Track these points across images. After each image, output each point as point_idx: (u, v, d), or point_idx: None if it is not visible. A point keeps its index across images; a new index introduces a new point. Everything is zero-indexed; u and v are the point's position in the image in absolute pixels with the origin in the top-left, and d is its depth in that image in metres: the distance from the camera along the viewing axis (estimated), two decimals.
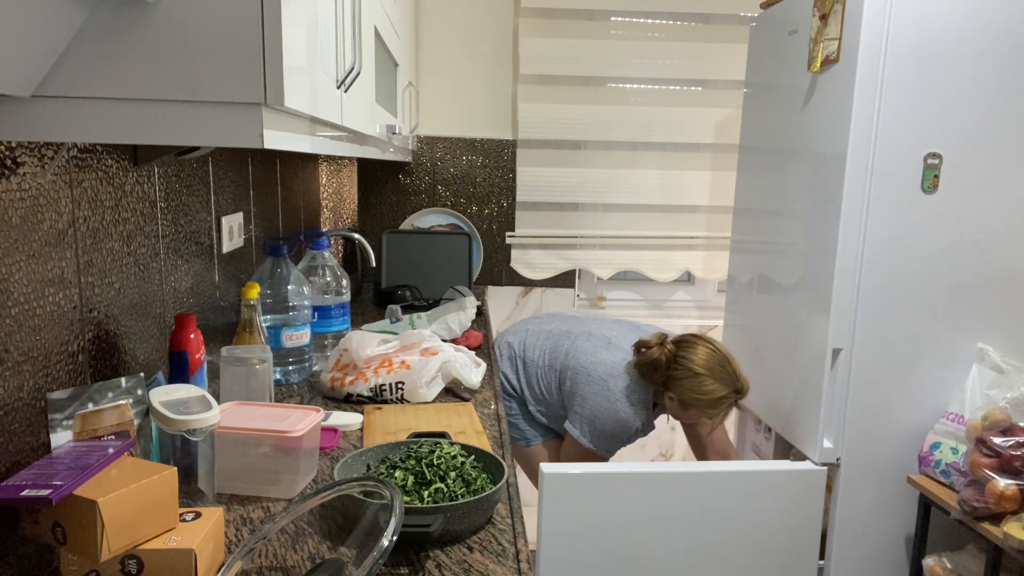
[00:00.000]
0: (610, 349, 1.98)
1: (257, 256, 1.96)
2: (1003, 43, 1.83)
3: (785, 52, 2.18)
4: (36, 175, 0.97)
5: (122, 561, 0.86)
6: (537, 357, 2.07)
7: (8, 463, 0.93)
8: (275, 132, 0.81)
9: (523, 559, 1.03)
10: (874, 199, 1.87)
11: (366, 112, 1.43)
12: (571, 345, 2.02)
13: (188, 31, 0.73)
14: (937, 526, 1.96)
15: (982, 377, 1.91)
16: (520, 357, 2.10)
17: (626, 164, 3.03)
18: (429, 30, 2.93)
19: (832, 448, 1.98)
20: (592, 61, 2.93)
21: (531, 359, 2.08)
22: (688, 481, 1.85)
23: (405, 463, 1.19)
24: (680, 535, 1.87)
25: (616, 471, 1.84)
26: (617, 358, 1.96)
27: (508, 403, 2.13)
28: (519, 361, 2.10)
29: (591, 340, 2.01)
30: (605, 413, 1.92)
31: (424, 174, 3.05)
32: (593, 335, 2.03)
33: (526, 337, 2.13)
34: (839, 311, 1.92)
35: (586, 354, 1.98)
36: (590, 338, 2.02)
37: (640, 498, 1.83)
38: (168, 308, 1.41)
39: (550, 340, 2.08)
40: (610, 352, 1.97)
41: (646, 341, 1.93)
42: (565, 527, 1.81)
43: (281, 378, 1.73)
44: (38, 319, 0.98)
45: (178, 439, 1.04)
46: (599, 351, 1.98)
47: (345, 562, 0.94)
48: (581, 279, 3.18)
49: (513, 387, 2.11)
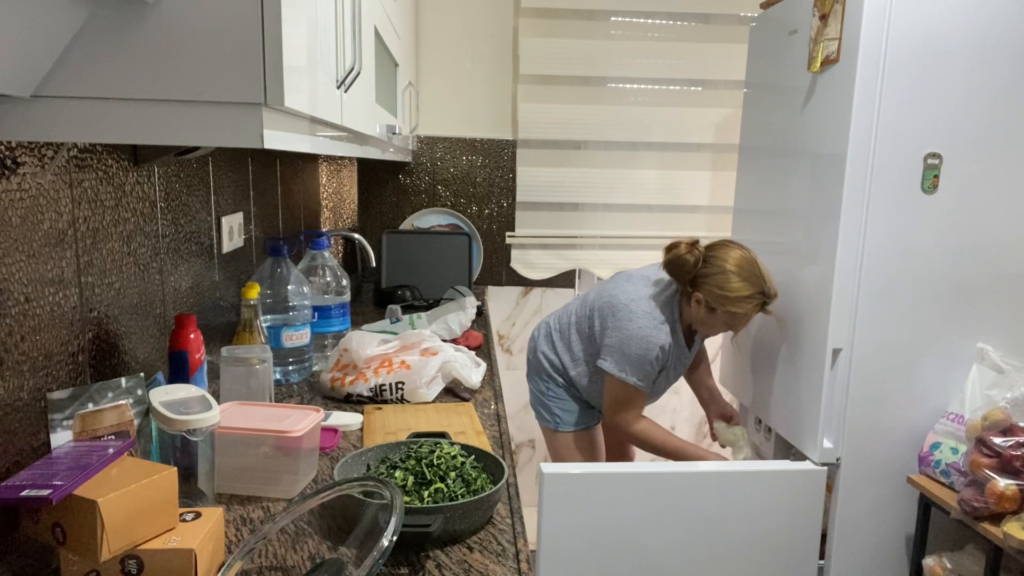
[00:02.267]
0: (632, 281, 2.07)
1: (257, 256, 1.96)
2: (1003, 43, 1.83)
3: (785, 52, 2.18)
4: (36, 175, 0.97)
5: (122, 561, 0.86)
6: (570, 315, 2.19)
7: (8, 463, 0.93)
8: (275, 132, 0.81)
9: (523, 559, 1.03)
10: (874, 199, 1.87)
11: (366, 112, 1.43)
12: (596, 293, 2.14)
13: (188, 31, 0.73)
14: (937, 526, 1.96)
15: (982, 377, 1.91)
16: (555, 328, 2.21)
17: (626, 164, 3.03)
18: (429, 30, 2.93)
19: (832, 448, 1.98)
20: (592, 61, 2.93)
21: (565, 323, 2.19)
22: (688, 481, 1.85)
23: (405, 463, 1.19)
24: (680, 535, 1.87)
25: (615, 471, 1.84)
26: (639, 285, 2.04)
27: (546, 383, 2.20)
28: (555, 332, 2.21)
29: (613, 280, 2.14)
30: (628, 334, 1.97)
31: (424, 174, 3.05)
32: (615, 279, 2.14)
33: (560, 313, 2.25)
34: (839, 311, 1.92)
35: (610, 289, 2.08)
36: (612, 279, 2.15)
37: (640, 498, 1.83)
38: (168, 308, 1.41)
39: (579, 300, 2.21)
40: (632, 284, 2.06)
41: (675, 242, 2.00)
42: (564, 527, 1.81)
43: (281, 378, 1.73)
44: (38, 319, 0.98)
45: (178, 439, 1.04)
46: (621, 283, 2.08)
47: (345, 562, 0.94)
48: (581, 279, 3.18)
49: (551, 361, 2.18)
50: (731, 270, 1.92)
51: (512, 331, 3.15)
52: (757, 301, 1.94)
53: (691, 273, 1.96)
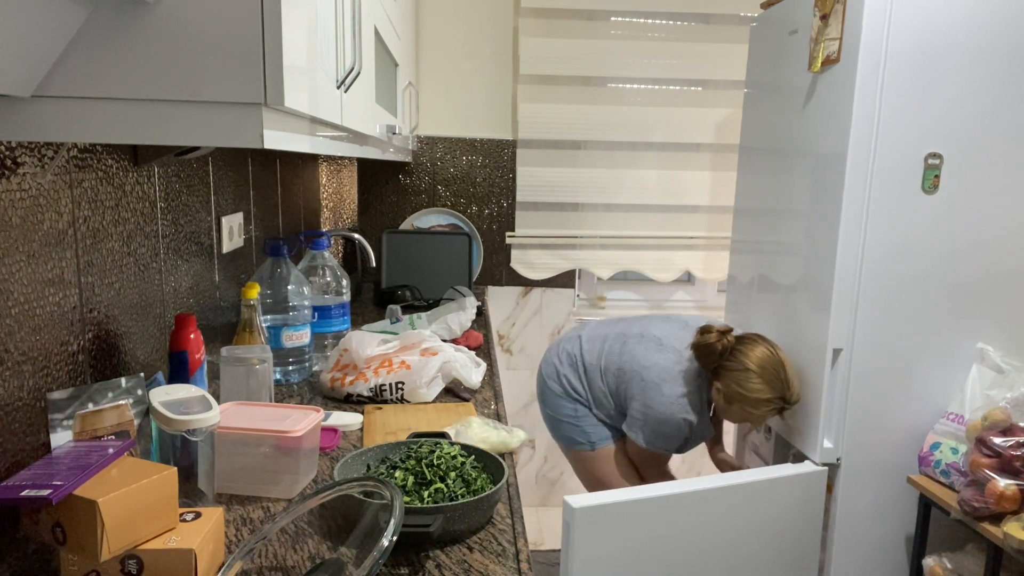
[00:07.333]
0: (662, 351, 2.00)
1: (257, 256, 1.96)
2: (1003, 44, 1.83)
3: (785, 52, 2.18)
4: (36, 175, 0.97)
5: (122, 561, 0.86)
6: (595, 360, 2.10)
7: (8, 463, 0.93)
8: (275, 132, 0.81)
9: (523, 559, 1.03)
10: (874, 199, 1.87)
11: (366, 112, 1.43)
12: (622, 347, 2.05)
13: (188, 31, 0.73)
14: (937, 526, 1.96)
15: (982, 377, 1.91)
16: (580, 360, 2.13)
17: (626, 164, 3.03)
18: (429, 30, 2.93)
19: (832, 448, 1.98)
20: (592, 61, 2.93)
21: (590, 363, 2.11)
22: (702, 498, 1.84)
23: (405, 463, 1.19)
24: (698, 548, 1.85)
25: (643, 496, 1.79)
26: (670, 361, 1.98)
27: (573, 407, 2.14)
28: (580, 365, 2.13)
29: (643, 343, 2.03)
30: (659, 417, 1.96)
31: (424, 174, 3.05)
32: (645, 336, 2.05)
33: (582, 343, 2.16)
34: (839, 311, 1.92)
35: (640, 357, 2.00)
36: (642, 340, 2.04)
37: (661, 519, 1.81)
38: (168, 308, 1.41)
39: (605, 343, 2.11)
40: (662, 354, 1.99)
41: (709, 327, 1.95)
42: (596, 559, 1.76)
43: (281, 378, 1.73)
44: (38, 319, 0.98)
45: (178, 439, 1.04)
46: (651, 354, 2.00)
47: (345, 562, 0.94)
48: (581, 279, 3.18)
49: (579, 392, 2.13)
50: (753, 369, 1.87)
51: (512, 331, 3.15)
52: (776, 406, 1.90)
53: (716, 363, 1.92)
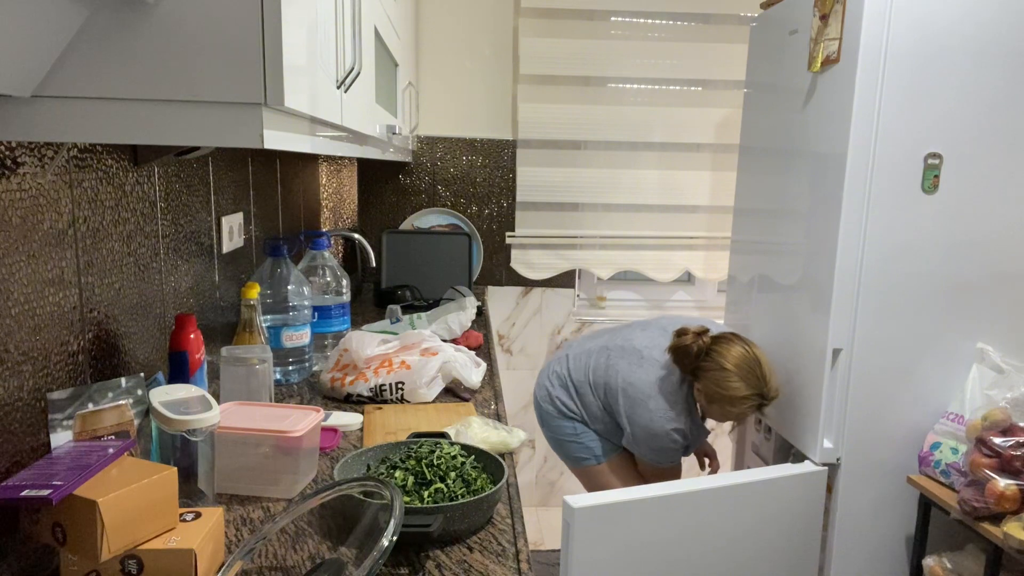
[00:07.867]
0: (643, 364, 2.01)
1: (257, 256, 1.96)
2: (1003, 43, 1.83)
3: (785, 52, 2.18)
4: (36, 175, 0.97)
5: (122, 561, 0.86)
6: (583, 376, 2.11)
7: (8, 463, 0.93)
8: (275, 132, 0.81)
9: (523, 559, 1.03)
10: (874, 199, 1.87)
11: (366, 112, 1.43)
12: (607, 361, 2.07)
13: (188, 31, 0.73)
14: (937, 526, 1.96)
15: (982, 377, 1.91)
16: (570, 380, 2.14)
17: (626, 164, 3.03)
18: (429, 30, 2.93)
19: (832, 448, 1.98)
20: (592, 61, 2.93)
21: (579, 380, 2.12)
22: (704, 497, 1.84)
23: (405, 463, 1.19)
24: (700, 549, 1.85)
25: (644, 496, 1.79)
26: (652, 375, 1.99)
27: (572, 425, 2.15)
28: (570, 385, 2.14)
29: (625, 356, 2.05)
30: (649, 433, 1.98)
31: (424, 174, 3.05)
32: (626, 350, 2.06)
33: (568, 362, 2.17)
34: (839, 311, 1.92)
35: (623, 373, 2.01)
36: (624, 353, 2.05)
37: (663, 519, 1.81)
38: (168, 308, 1.41)
39: (591, 358, 2.12)
40: (643, 368, 2.00)
41: (685, 328, 1.96)
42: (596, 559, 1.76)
43: (281, 378, 1.73)
44: (38, 319, 0.98)
45: (178, 439, 1.04)
46: (633, 368, 2.01)
47: (345, 562, 0.94)
48: (581, 279, 3.18)
49: (573, 411, 2.14)
50: (730, 368, 1.89)
51: (512, 331, 3.15)
52: (754, 403, 1.91)
53: (693, 364, 1.93)
